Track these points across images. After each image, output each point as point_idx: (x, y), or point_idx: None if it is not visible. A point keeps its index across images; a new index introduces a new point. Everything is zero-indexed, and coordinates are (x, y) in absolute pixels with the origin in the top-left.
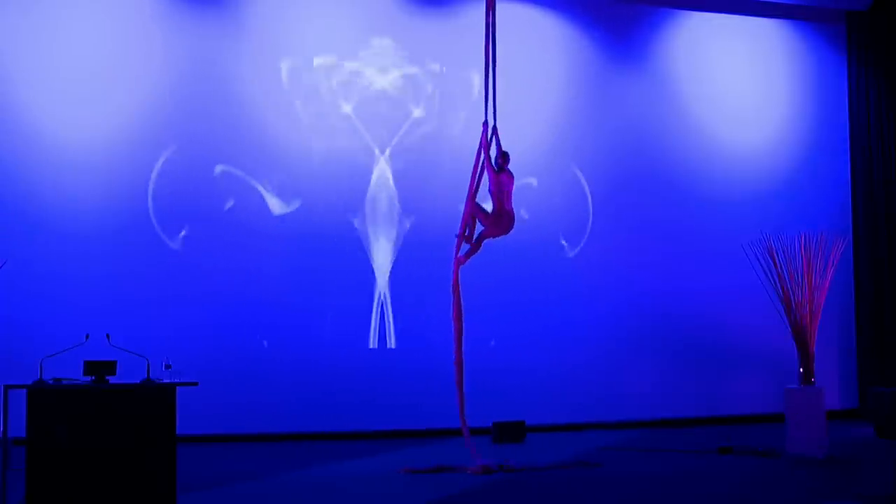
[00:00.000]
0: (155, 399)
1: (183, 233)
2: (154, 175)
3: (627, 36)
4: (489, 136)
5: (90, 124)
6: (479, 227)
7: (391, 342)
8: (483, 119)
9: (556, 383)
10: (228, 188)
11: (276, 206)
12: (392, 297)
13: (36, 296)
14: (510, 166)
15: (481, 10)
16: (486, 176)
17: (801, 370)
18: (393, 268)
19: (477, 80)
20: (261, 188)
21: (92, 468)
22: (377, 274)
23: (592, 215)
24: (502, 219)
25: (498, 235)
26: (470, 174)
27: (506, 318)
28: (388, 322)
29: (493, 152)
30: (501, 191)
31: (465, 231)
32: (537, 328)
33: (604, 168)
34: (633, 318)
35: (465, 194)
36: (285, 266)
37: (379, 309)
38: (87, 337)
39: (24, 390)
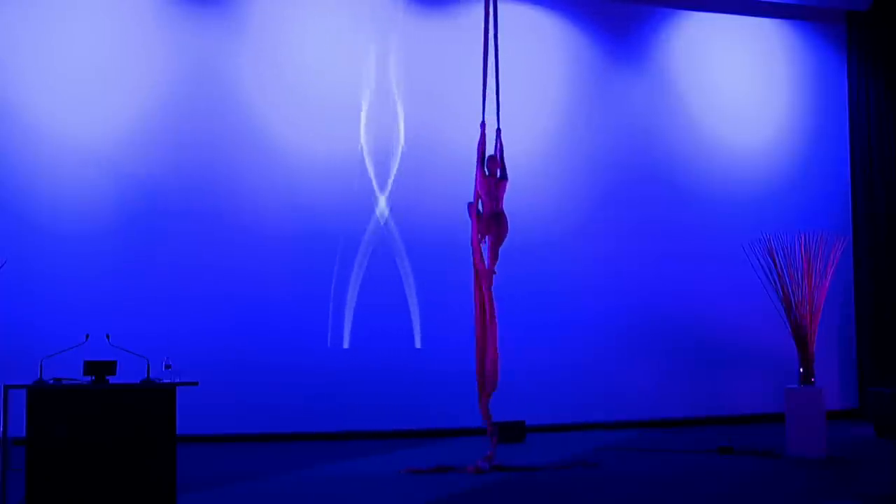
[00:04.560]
0: (155, 399)
1: (182, 233)
2: (153, 175)
3: (627, 36)
4: (495, 139)
5: (90, 124)
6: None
7: (395, 342)
8: (481, 120)
9: (556, 383)
10: (228, 188)
11: (276, 206)
12: (394, 297)
13: (36, 296)
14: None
15: (481, 9)
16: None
17: (801, 370)
18: (394, 267)
19: (478, 79)
20: (261, 188)
21: (92, 468)
22: (380, 274)
23: (592, 215)
24: (492, 222)
25: (497, 238)
26: (472, 175)
27: (506, 319)
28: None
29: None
30: (490, 194)
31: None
32: (537, 328)
33: (604, 168)
34: (633, 318)
35: (465, 194)
36: (286, 266)
37: (381, 308)
38: (87, 337)
39: (24, 390)
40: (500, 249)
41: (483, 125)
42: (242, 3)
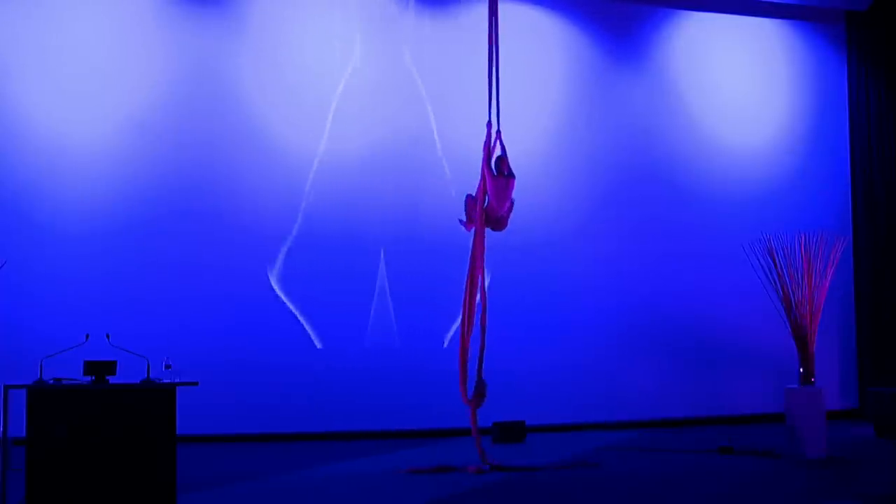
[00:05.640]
0: (155, 399)
1: (182, 233)
2: (153, 175)
3: (627, 36)
4: (492, 139)
5: (90, 124)
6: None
7: (394, 341)
8: (487, 120)
9: (556, 383)
10: (228, 188)
11: (276, 206)
12: (394, 297)
13: (36, 296)
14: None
15: (481, 9)
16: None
17: (801, 370)
18: (395, 267)
19: (477, 80)
20: (261, 188)
21: (92, 468)
22: (380, 273)
23: (593, 215)
24: (492, 222)
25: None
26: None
27: (506, 319)
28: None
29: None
30: (498, 194)
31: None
32: (538, 328)
33: (604, 167)
34: (633, 317)
35: (465, 194)
36: (284, 266)
37: (381, 308)
38: (87, 337)
39: (24, 390)
40: (500, 250)
41: (489, 125)
42: (242, 3)
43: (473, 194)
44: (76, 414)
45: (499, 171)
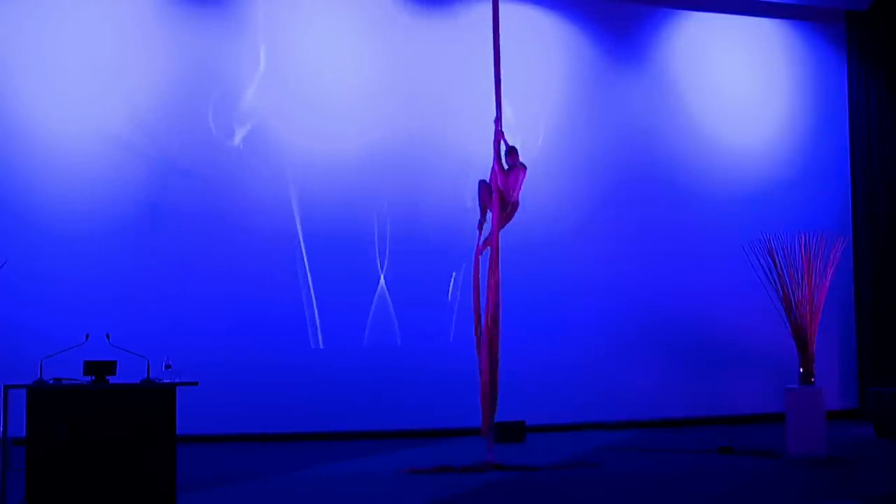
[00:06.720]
0: (155, 399)
1: (182, 234)
2: (153, 175)
3: (627, 36)
4: (500, 135)
5: (89, 124)
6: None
7: (394, 341)
8: (494, 116)
9: (556, 383)
10: (228, 188)
11: (276, 206)
12: (394, 297)
13: (36, 296)
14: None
15: (481, 9)
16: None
17: (801, 370)
18: (395, 267)
19: (477, 80)
20: (261, 188)
21: (92, 468)
22: (380, 273)
23: (592, 215)
24: (506, 208)
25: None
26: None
27: (506, 319)
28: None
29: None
30: (508, 188)
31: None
32: (537, 328)
33: (604, 167)
34: (633, 317)
35: (464, 193)
36: (284, 266)
37: (381, 308)
38: (87, 337)
39: (24, 390)
40: (500, 249)
41: (497, 121)
42: (242, 3)
43: (487, 180)
44: (76, 414)
45: (511, 164)
